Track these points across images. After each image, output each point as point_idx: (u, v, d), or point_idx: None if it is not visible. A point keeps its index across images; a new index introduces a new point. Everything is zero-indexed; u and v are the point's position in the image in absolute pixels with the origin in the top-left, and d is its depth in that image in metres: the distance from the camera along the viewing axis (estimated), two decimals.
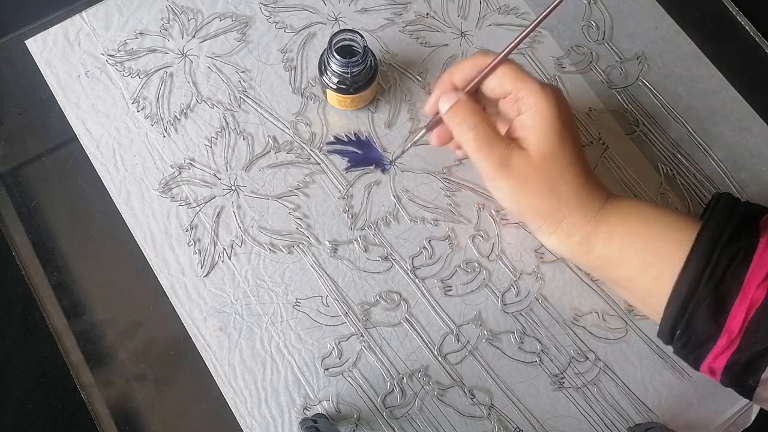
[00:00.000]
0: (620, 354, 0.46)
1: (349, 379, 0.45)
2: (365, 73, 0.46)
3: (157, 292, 0.46)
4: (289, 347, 0.45)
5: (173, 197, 0.48)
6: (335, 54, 0.45)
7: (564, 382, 0.46)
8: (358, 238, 0.48)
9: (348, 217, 0.48)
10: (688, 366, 0.46)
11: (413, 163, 0.50)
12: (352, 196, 0.49)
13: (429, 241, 0.48)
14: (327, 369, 0.45)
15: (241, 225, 0.48)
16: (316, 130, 0.50)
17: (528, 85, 0.38)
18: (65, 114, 0.50)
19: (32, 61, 0.51)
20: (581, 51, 0.54)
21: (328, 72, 0.46)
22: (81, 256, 0.47)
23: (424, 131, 0.43)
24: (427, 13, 0.54)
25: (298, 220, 0.48)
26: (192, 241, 0.47)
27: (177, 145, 0.49)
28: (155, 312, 0.46)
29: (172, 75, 0.51)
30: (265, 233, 0.48)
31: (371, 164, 0.50)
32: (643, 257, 0.37)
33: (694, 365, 0.38)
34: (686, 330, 0.36)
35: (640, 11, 0.55)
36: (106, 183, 0.48)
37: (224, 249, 0.47)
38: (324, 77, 0.47)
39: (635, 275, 0.38)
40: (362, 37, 0.45)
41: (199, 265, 0.47)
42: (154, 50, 0.51)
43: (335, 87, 0.47)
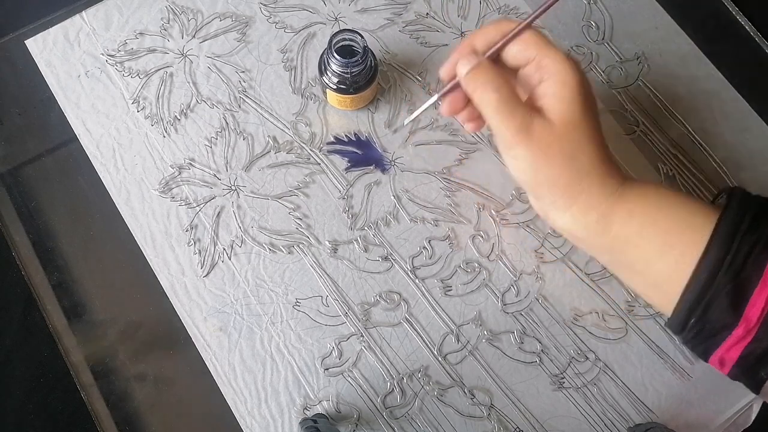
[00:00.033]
0: (620, 354, 0.46)
1: (349, 379, 0.45)
2: (365, 73, 0.46)
3: (157, 292, 0.46)
4: (289, 347, 0.45)
5: (173, 197, 0.48)
6: (335, 54, 0.45)
7: (564, 382, 0.46)
8: (358, 238, 0.48)
9: (348, 217, 0.48)
10: (688, 366, 0.46)
11: (413, 163, 0.50)
12: (352, 196, 0.49)
13: (429, 241, 0.48)
14: (327, 369, 0.45)
15: (241, 225, 0.48)
16: (316, 130, 0.50)
17: (552, 53, 0.36)
18: (65, 114, 0.50)
19: (32, 61, 0.51)
20: (581, 51, 0.54)
21: (328, 72, 0.46)
22: (81, 256, 0.47)
23: (435, 97, 0.41)
24: (427, 13, 0.54)
25: (298, 220, 0.48)
26: (192, 241, 0.47)
27: (177, 145, 0.49)
28: (155, 312, 0.46)
29: (172, 75, 0.51)
30: (265, 233, 0.48)
31: (371, 164, 0.50)
32: (665, 239, 0.35)
33: (704, 356, 0.36)
34: (701, 318, 0.34)
35: (640, 11, 0.55)
36: (106, 183, 0.48)
37: (224, 249, 0.47)
38: (324, 77, 0.47)
39: (653, 258, 0.36)
40: (362, 37, 0.45)
41: (199, 265, 0.47)
42: (154, 50, 0.51)
43: (335, 87, 0.47)
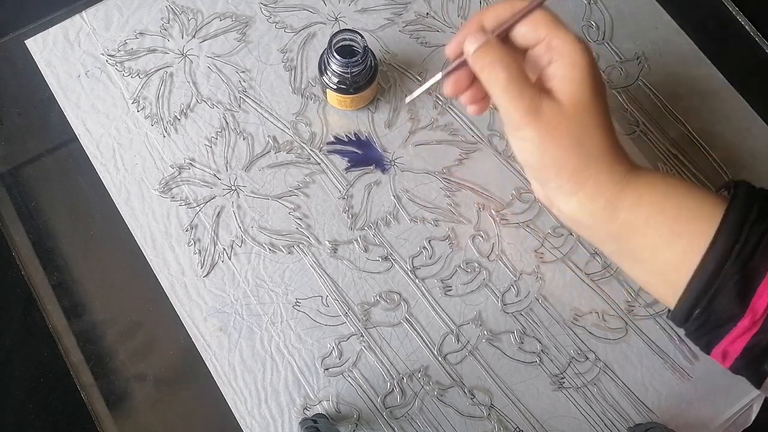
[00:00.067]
0: (620, 354, 0.46)
1: (349, 379, 0.45)
2: (365, 73, 0.46)
3: (157, 292, 0.46)
4: (289, 347, 0.45)
5: (173, 197, 0.48)
6: (335, 54, 0.45)
7: (564, 382, 0.46)
8: (358, 238, 0.48)
9: (348, 217, 0.48)
10: (688, 366, 0.46)
11: (413, 163, 0.50)
12: (352, 196, 0.49)
13: (429, 241, 0.48)
14: (327, 369, 0.45)
15: (241, 225, 0.48)
16: (316, 130, 0.50)
17: (563, 33, 0.36)
18: (65, 114, 0.50)
19: (32, 61, 0.51)
20: None
21: (328, 72, 0.46)
22: (81, 256, 0.47)
23: (439, 75, 0.40)
24: (427, 13, 0.54)
25: (298, 220, 0.48)
26: (192, 241, 0.47)
27: (177, 145, 0.49)
28: (155, 312, 0.46)
29: (172, 75, 0.51)
30: (265, 233, 0.48)
31: (371, 164, 0.50)
32: (672, 228, 0.35)
33: (706, 348, 0.36)
34: (707, 309, 0.34)
35: (640, 11, 0.55)
36: (106, 183, 0.48)
37: (224, 249, 0.47)
38: (324, 77, 0.47)
39: (660, 247, 0.35)
40: (362, 37, 0.45)
41: (199, 265, 0.47)
42: (154, 50, 0.51)
43: (335, 87, 0.47)
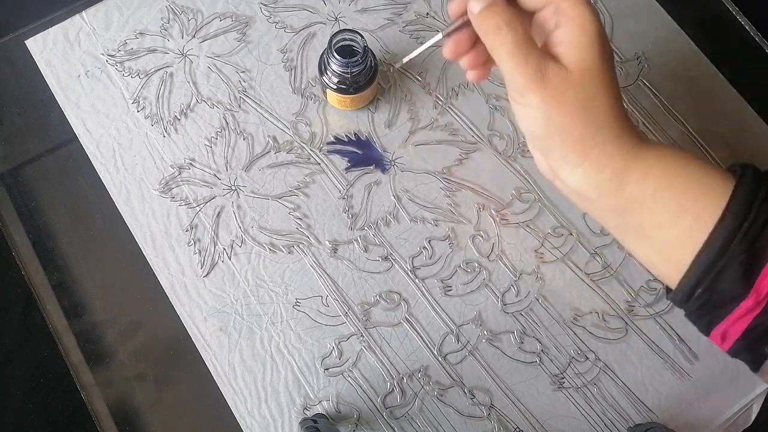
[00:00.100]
0: (620, 354, 0.46)
1: (349, 379, 0.45)
2: (365, 73, 0.46)
3: (157, 292, 0.46)
4: (289, 347, 0.45)
5: (173, 197, 0.48)
6: (335, 54, 0.45)
7: (564, 382, 0.46)
8: (358, 238, 0.48)
9: (348, 217, 0.48)
10: (688, 366, 0.46)
11: (413, 163, 0.50)
12: (352, 196, 0.49)
13: (429, 241, 0.48)
14: (327, 369, 0.45)
15: (241, 225, 0.48)
16: (316, 130, 0.50)
17: None
18: (65, 114, 0.50)
19: (32, 61, 0.51)
20: None
21: (328, 72, 0.46)
22: (81, 256, 0.47)
23: (439, 35, 0.38)
24: (427, 13, 0.54)
25: (298, 220, 0.48)
26: (192, 241, 0.47)
27: (177, 145, 0.49)
28: (155, 312, 0.46)
29: (172, 75, 0.51)
30: (265, 233, 0.48)
31: (371, 164, 0.50)
32: (680, 202, 0.34)
33: (707, 328, 0.35)
34: (710, 287, 0.33)
35: (640, 11, 0.55)
36: (106, 183, 0.48)
37: (224, 249, 0.47)
38: (324, 77, 0.47)
39: (666, 222, 0.34)
40: (362, 37, 0.45)
41: (199, 265, 0.47)
42: (154, 50, 0.51)
43: (335, 87, 0.47)
